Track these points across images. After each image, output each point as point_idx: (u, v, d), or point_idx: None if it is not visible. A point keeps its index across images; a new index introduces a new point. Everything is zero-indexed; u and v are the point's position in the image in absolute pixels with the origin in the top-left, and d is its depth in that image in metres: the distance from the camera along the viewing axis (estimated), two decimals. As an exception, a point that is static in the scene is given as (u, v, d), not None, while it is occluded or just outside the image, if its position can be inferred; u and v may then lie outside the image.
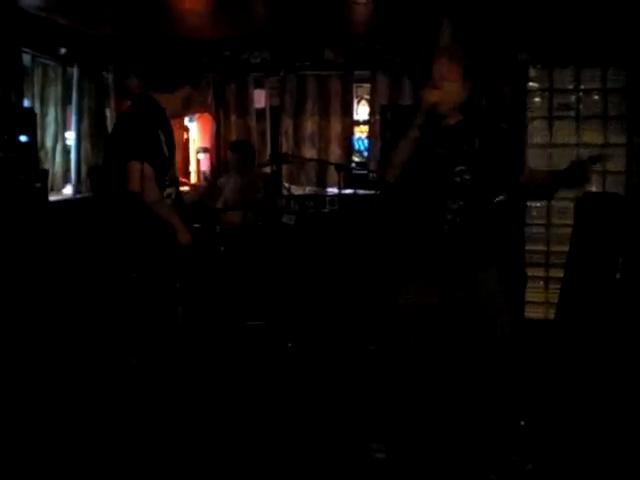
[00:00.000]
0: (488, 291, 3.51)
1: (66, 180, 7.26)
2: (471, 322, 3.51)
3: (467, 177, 3.43)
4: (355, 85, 8.05)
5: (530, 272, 7.08)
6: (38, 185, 5.57)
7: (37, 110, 6.64)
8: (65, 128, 7.26)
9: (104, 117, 7.94)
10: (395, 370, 3.61)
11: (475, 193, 3.46)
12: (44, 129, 6.92)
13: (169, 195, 3.84)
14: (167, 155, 3.73)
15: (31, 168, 5.65)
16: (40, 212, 5.48)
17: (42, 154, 6.66)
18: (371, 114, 7.88)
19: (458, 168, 3.43)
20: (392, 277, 3.64)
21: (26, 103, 6.64)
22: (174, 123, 7.90)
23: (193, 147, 8.58)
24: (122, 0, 6.15)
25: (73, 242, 3.99)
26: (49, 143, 7.02)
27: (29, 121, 5.80)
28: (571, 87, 7.07)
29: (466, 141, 3.48)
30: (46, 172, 5.93)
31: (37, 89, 6.94)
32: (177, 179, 4.03)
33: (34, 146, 5.84)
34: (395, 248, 3.63)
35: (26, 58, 6.68)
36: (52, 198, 6.11)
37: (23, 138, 5.55)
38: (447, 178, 3.42)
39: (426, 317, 3.56)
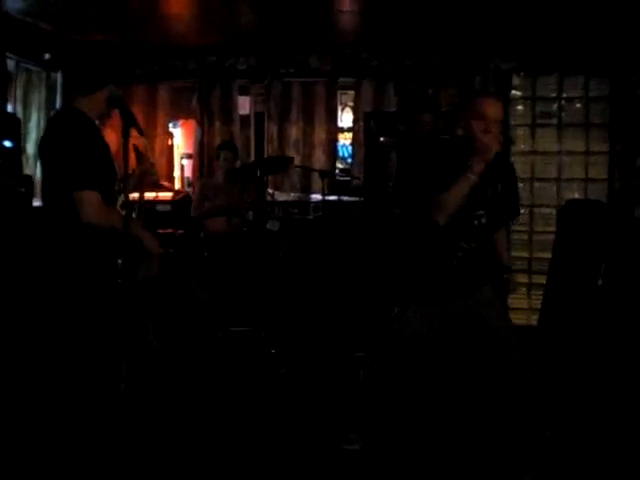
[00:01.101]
0: (487, 308, 3.56)
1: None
2: (475, 339, 3.59)
3: (484, 221, 3.49)
4: (339, 92, 8.07)
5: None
6: (22, 190, 5.54)
7: (19, 115, 6.62)
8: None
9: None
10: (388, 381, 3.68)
11: (487, 234, 3.53)
12: (26, 135, 6.89)
13: (122, 205, 3.76)
14: (107, 165, 3.61)
15: (15, 173, 5.63)
16: (24, 218, 5.45)
17: (23, 159, 6.62)
18: (355, 121, 7.90)
19: (478, 212, 3.48)
20: (395, 298, 3.73)
21: (9, 108, 6.62)
22: (159, 128, 8.00)
23: (177, 153, 8.56)
24: (107, 6, 6.14)
25: (57, 248, 3.96)
26: (30, 149, 7.00)
27: (13, 126, 5.77)
28: (554, 95, 7.15)
29: (491, 186, 3.52)
30: (30, 177, 5.90)
31: (20, 94, 6.92)
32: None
33: (18, 151, 5.82)
34: (401, 273, 3.70)
35: (10, 63, 6.66)
36: (36, 204, 6.06)
37: (7, 143, 5.53)
38: (466, 221, 3.46)
39: (428, 336, 3.64)
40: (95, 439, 3.50)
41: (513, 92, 7.24)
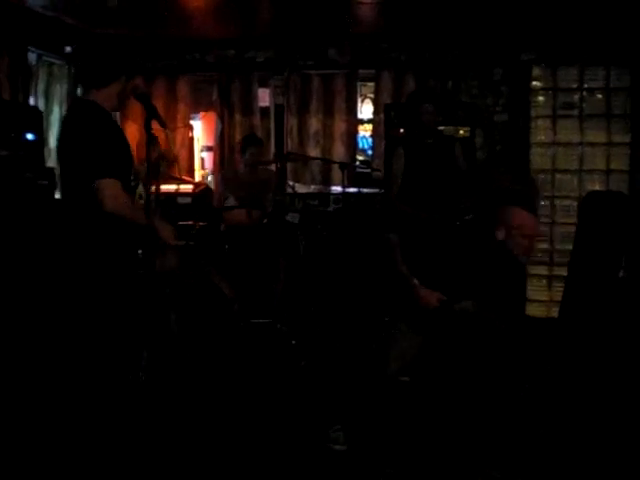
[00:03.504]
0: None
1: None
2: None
3: None
4: (359, 84, 8.06)
5: (534, 270, 7.11)
6: (44, 183, 5.58)
7: (41, 108, 6.67)
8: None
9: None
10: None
11: None
12: (48, 127, 6.95)
13: (140, 196, 3.80)
14: (126, 155, 3.64)
15: (37, 166, 5.67)
16: (46, 210, 5.49)
17: (45, 152, 6.68)
18: (375, 113, 7.89)
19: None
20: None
21: (31, 101, 6.67)
22: (179, 121, 8.02)
23: (197, 146, 8.60)
24: (127, 0, 6.18)
25: (78, 240, 4.00)
26: (52, 142, 7.05)
27: (35, 119, 5.81)
28: (575, 86, 7.10)
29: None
30: (52, 170, 5.94)
31: (42, 87, 6.98)
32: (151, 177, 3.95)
33: (40, 144, 5.85)
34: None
35: (32, 57, 6.72)
36: (58, 196, 6.12)
37: (29, 136, 5.57)
38: None
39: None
40: (115, 427, 3.53)
41: (534, 83, 7.20)
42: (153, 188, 4.17)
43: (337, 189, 7.58)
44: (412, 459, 3.71)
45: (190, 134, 8.35)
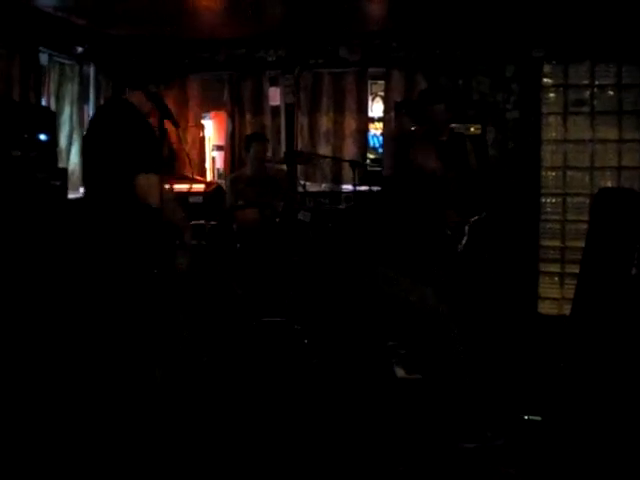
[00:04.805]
0: None
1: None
2: None
3: None
4: (370, 82, 8.06)
5: (546, 268, 7.10)
6: (57, 183, 5.61)
7: (52, 109, 6.70)
8: (82, 127, 7.32)
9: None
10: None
11: None
12: (59, 128, 6.97)
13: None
14: (159, 152, 3.70)
15: (50, 166, 5.70)
16: (59, 210, 5.52)
17: (57, 153, 6.70)
18: (386, 111, 7.89)
19: None
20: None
21: (42, 102, 6.70)
22: (190, 120, 8.05)
23: (208, 145, 8.62)
24: (138, 0, 6.19)
25: (92, 240, 4.03)
26: (63, 142, 7.08)
27: (48, 120, 5.84)
28: (586, 82, 7.07)
29: None
30: (65, 170, 5.97)
31: (53, 88, 7.00)
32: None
33: (53, 145, 5.88)
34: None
35: (43, 57, 6.74)
36: (71, 196, 6.14)
37: (42, 137, 5.59)
38: None
39: None
40: (128, 423, 3.56)
41: (545, 80, 7.17)
42: (167, 186, 4.22)
43: (348, 187, 7.59)
44: (421, 456, 3.75)
45: (201, 133, 8.37)
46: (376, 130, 8.37)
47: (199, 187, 7.18)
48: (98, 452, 3.61)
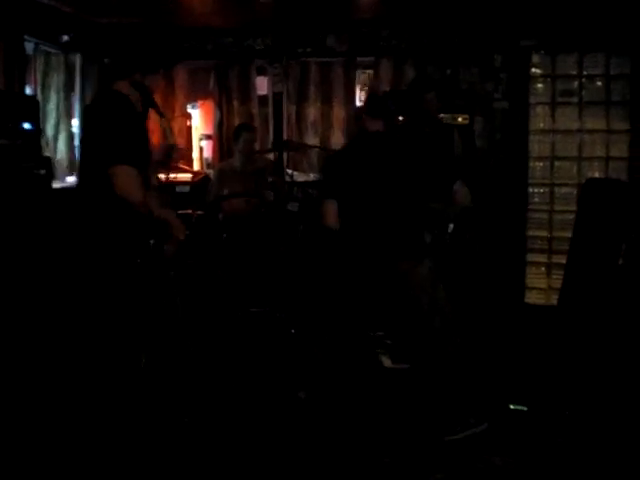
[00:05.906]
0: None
1: (72, 168, 7.23)
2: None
3: None
4: (358, 71, 8.03)
5: (533, 258, 7.12)
6: (42, 172, 5.56)
7: (38, 98, 6.64)
8: (70, 116, 7.27)
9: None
10: None
11: None
12: (45, 117, 6.93)
13: (154, 187, 3.83)
14: (143, 145, 3.68)
15: (35, 155, 5.65)
16: (44, 200, 5.48)
17: (43, 142, 6.65)
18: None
19: None
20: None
21: (28, 91, 6.64)
22: (177, 110, 8.00)
23: (196, 134, 8.57)
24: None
25: (77, 230, 4.01)
26: (50, 131, 7.03)
27: (32, 109, 5.78)
28: (574, 73, 7.08)
29: None
30: (50, 159, 5.92)
31: (39, 76, 6.94)
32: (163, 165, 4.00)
33: (37, 134, 5.82)
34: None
35: (28, 46, 6.68)
36: (56, 186, 6.10)
37: (26, 125, 5.54)
38: None
39: None
40: (115, 412, 3.54)
41: (533, 70, 7.17)
42: (163, 177, 4.21)
43: (336, 177, 7.55)
44: (406, 447, 3.76)
45: (188, 123, 8.33)
46: (364, 120, 8.32)
47: (186, 177, 7.15)
48: (83, 438, 3.60)
